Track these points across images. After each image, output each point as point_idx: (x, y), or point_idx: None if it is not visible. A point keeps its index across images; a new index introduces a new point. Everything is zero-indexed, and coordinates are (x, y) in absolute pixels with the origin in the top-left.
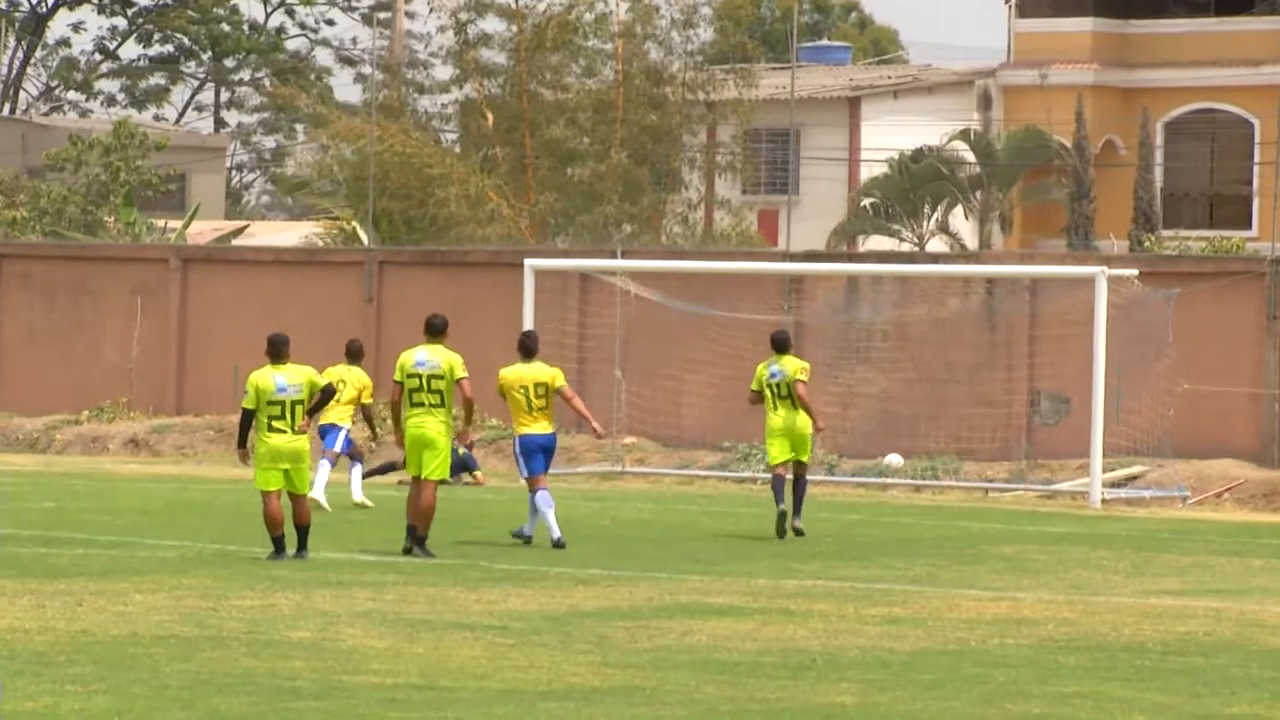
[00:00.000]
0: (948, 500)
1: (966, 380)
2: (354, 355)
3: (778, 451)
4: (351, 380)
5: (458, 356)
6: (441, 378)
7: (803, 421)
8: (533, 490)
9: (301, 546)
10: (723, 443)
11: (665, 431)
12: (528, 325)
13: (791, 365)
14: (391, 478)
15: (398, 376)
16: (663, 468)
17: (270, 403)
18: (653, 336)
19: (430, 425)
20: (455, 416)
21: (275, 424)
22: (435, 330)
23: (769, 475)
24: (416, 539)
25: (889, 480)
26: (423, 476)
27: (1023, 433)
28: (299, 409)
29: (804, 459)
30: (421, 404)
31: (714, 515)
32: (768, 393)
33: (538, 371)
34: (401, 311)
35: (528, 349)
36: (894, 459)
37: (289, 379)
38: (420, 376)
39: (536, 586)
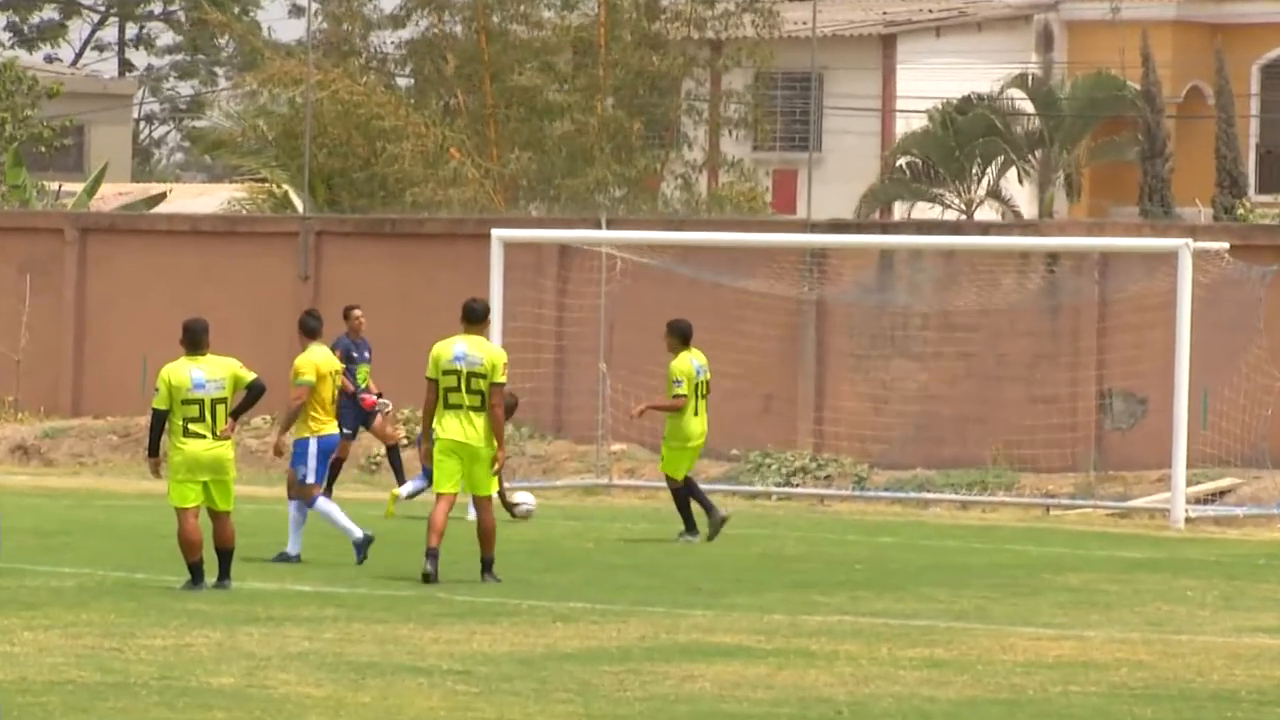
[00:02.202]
0: (1001, 519)
1: (1023, 376)
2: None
3: (689, 463)
4: None
5: (502, 353)
6: (483, 375)
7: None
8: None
9: (224, 574)
10: (730, 450)
11: (660, 437)
12: (496, 305)
13: (704, 359)
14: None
15: (431, 373)
16: (657, 480)
17: (186, 402)
18: (644, 321)
19: (472, 432)
20: None
21: (192, 427)
22: (475, 317)
23: (670, 486)
24: (485, 563)
25: (930, 495)
26: (473, 493)
27: (1091, 439)
28: (221, 409)
29: None
30: (459, 406)
31: (720, 537)
32: (691, 393)
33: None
34: (343, 292)
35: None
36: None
37: (208, 373)
38: (459, 373)
39: (506, 623)
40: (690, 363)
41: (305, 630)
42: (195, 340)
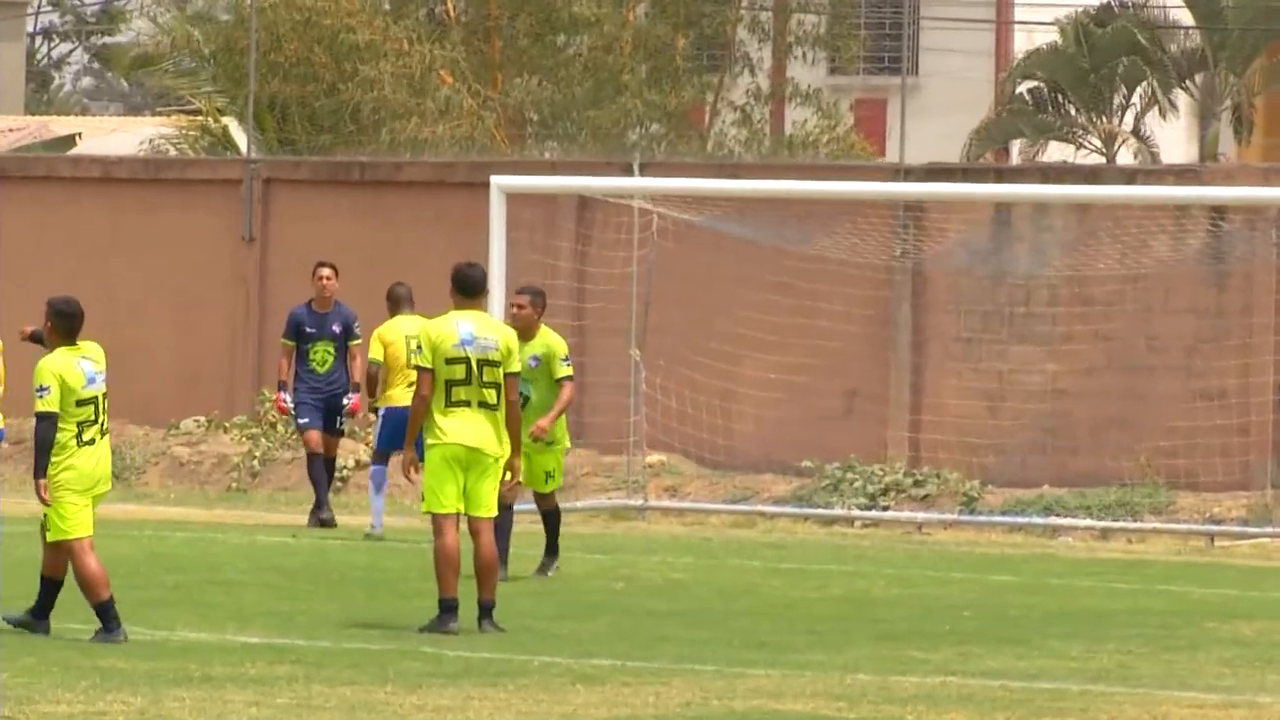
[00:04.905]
0: (1151, 551)
1: (1180, 365)
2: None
3: None
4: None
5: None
6: (497, 363)
7: None
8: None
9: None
10: (800, 462)
11: (709, 445)
12: (496, 273)
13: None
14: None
15: (425, 360)
16: (706, 501)
17: (80, 403)
18: (689, 295)
19: (486, 436)
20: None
21: (87, 433)
22: (474, 288)
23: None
24: (483, 608)
25: (1060, 521)
26: (473, 514)
27: (1268, 446)
28: (105, 408)
29: None
30: (465, 403)
31: (787, 575)
32: None
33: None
34: (298, 256)
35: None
36: None
37: (96, 365)
38: (467, 361)
39: (511, 685)
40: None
41: (251, 694)
42: (72, 328)
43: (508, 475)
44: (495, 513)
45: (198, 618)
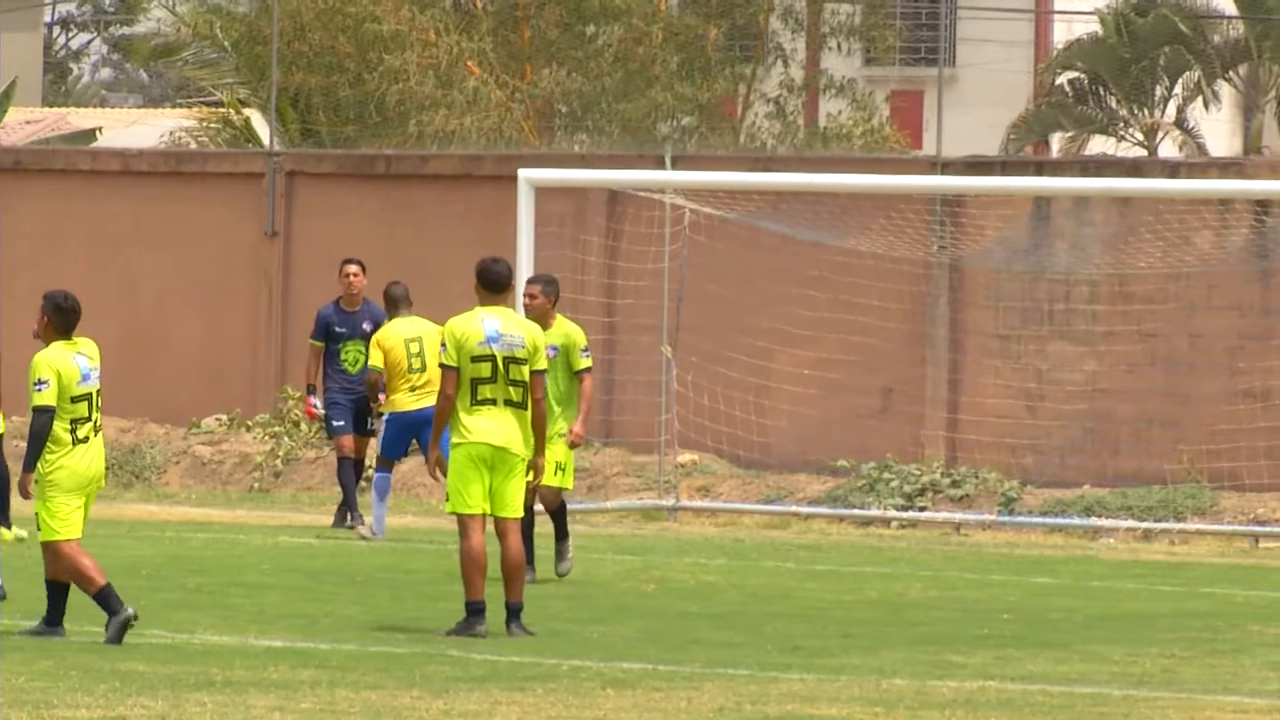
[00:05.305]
0: (1194, 553)
1: (1224, 364)
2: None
3: None
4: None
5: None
6: (524, 361)
7: None
8: None
9: (53, 618)
10: (835, 461)
11: (742, 444)
12: (523, 268)
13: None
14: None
15: (450, 359)
16: (739, 502)
17: (75, 399)
18: (722, 291)
19: (513, 435)
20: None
21: (80, 430)
22: (500, 284)
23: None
24: (511, 610)
25: (1101, 522)
26: (499, 515)
27: None
28: (98, 404)
29: None
30: (493, 401)
31: (822, 577)
32: None
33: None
34: (321, 251)
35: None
36: None
37: (91, 361)
38: (493, 359)
39: (540, 689)
40: None
41: (275, 699)
42: (70, 322)
43: (529, 475)
44: (522, 513)
45: (220, 620)
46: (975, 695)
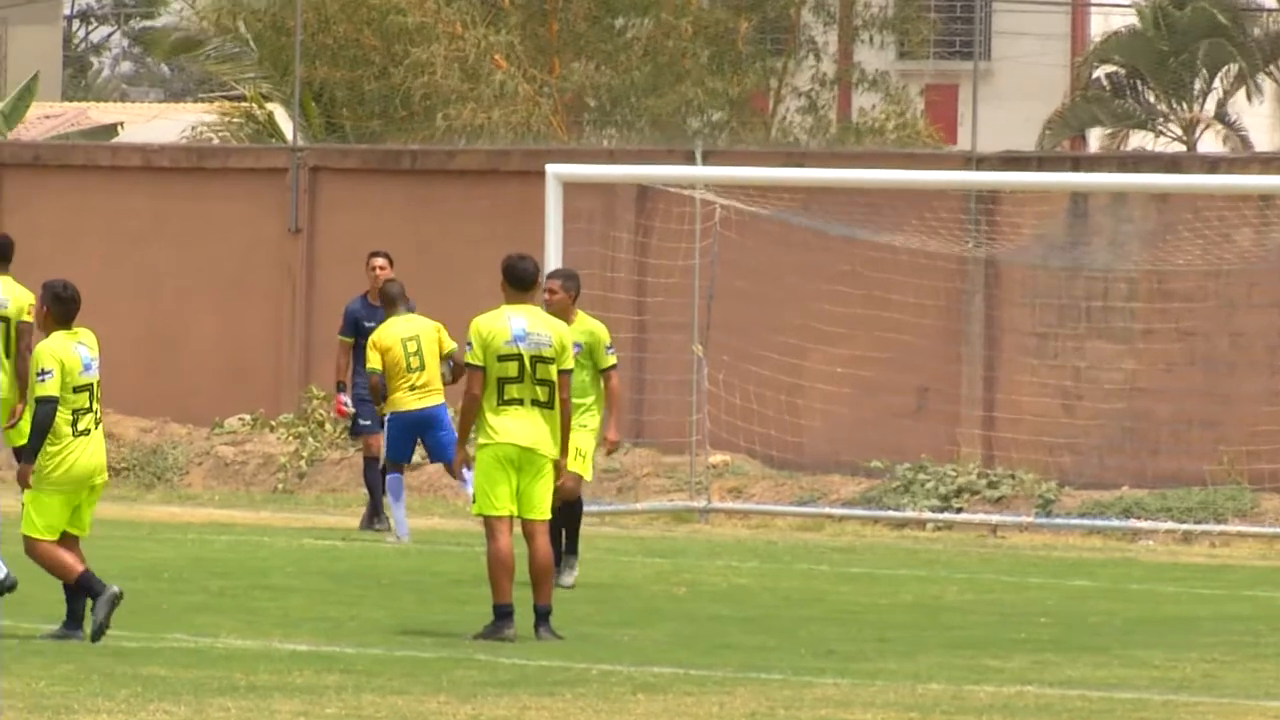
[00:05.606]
0: (1235, 556)
1: (1265, 362)
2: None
3: None
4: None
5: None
6: (551, 360)
7: None
8: None
9: (73, 621)
10: (869, 462)
11: (775, 444)
12: (551, 265)
13: None
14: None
15: (476, 358)
16: (771, 503)
17: (77, 389)
18: (753, 288)
19: (541, 436)
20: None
21: (82, 421)
22: (527, 281)
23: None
24: (540, 613)
25: (1140, 524)
26: (527, 516)
27: None
28: (98, 396)
29: None
30: (520, 401)
31: (856, 580)
32: None
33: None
34: (346, 247)
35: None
36: None
37: (91, 351)
38: (520, 358)
39: (569, 694)
40: None
41: (299, 704)
42: (69, 312)
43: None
44: (549, 515)
45: (243, 624)
46: (1013, 700)
